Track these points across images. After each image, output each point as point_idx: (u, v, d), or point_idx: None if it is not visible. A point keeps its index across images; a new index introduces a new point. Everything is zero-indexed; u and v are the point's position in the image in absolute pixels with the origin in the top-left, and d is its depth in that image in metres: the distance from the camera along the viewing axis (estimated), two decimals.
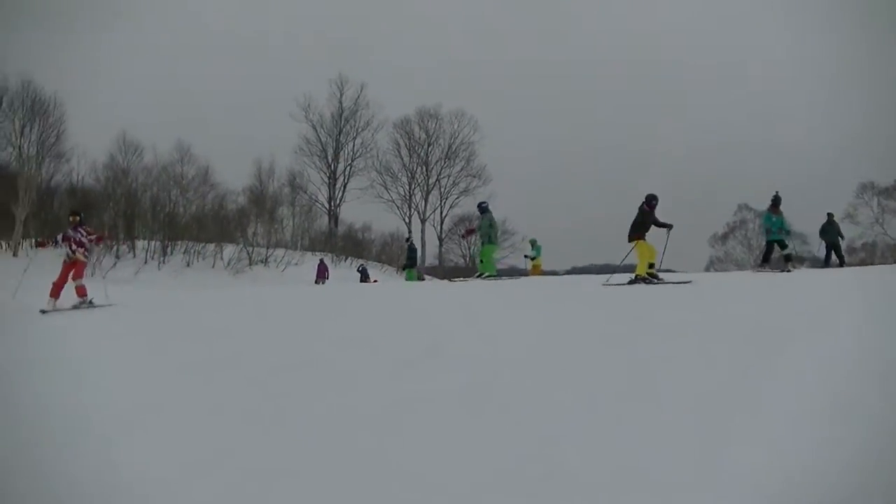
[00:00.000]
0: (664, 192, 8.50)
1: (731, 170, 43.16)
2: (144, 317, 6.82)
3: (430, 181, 33.29)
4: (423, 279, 17.88)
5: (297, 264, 23.65)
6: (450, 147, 33.89)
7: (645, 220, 8.45)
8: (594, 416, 2.62)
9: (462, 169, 33.60)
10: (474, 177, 33.32)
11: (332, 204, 31.10)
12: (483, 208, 10.18)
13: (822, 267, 12.94)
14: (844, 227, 14.12)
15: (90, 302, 7.48)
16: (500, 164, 39.88)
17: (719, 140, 44.22)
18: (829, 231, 13.10)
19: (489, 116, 47.50)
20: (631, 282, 8.12)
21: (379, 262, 27.31)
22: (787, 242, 10.32)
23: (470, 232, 13.15)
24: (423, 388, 3.09)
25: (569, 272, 20.69)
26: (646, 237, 8.41)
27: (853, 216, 26.73)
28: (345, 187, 31.62)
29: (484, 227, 10.07)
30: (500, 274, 11.29)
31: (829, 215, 13.37)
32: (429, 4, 46.08)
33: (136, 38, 37.87)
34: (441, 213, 32.82)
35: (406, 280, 14.73)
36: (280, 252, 24.56)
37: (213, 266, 22.26)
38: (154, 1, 37.21)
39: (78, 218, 7.72)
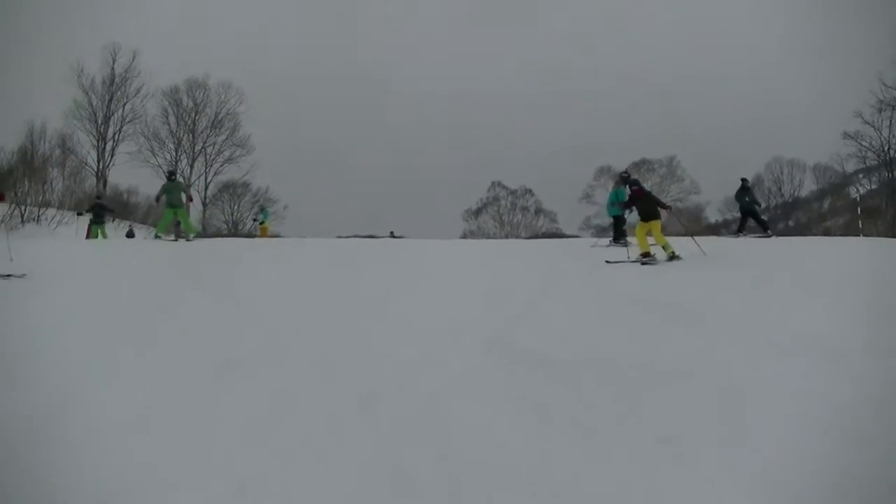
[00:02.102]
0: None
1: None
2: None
3: (197, 148, 38.68)
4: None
5: (66, 223, 28.76)
6: (216, 116, 39.13)
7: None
8: None
9: (227, 138, 38.94)
10: (238, 146, 38.99)
11: (101, 166, 35.42)
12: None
13: (735, 234, 13.78)
14: None
15: None
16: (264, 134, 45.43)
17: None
18: (742, 197, 13.38)
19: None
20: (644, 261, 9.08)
21: (144, 224, 33.09)
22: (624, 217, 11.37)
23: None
24: None
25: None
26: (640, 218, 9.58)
27: None
28: (114, 151, 35.92)
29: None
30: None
31: (743, 181, 13.56)
32: None
33: None
34: (206, 179, 38.54)
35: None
36: (52, 211, 29.29)
37: None
38: None
39: None
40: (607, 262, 9.37)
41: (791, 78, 41.64)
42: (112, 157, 35.99)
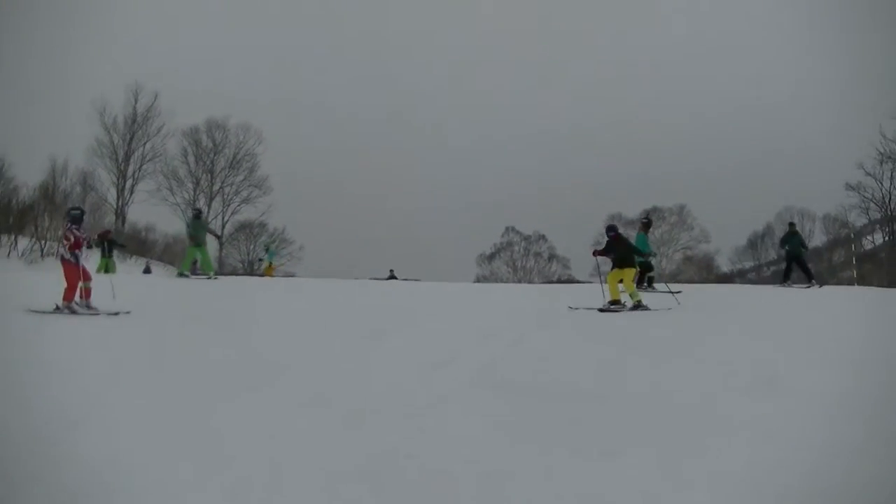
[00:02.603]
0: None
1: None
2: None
3: (214, 188, 39.14)
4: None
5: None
6: (234, 157, 39.82)
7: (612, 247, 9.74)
8: None
9: (245, 178, 39.40)
10: (256, 187, 39.34)
11: (121, 203, 35.76)
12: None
13: (782, 283, 12.86)
14: None
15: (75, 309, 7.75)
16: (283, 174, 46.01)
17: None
18: (791, 242, 12.94)
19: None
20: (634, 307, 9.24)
21: (161, 261, 33.25)
22: (652, 264, 11.57)
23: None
24: None
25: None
26: (617, 265, 9.56)
27: None
28: (132, 189, 36.27)
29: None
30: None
31: (791, 225, 13.68)
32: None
33: None
34: (223, 218, 38.68)
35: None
36: None
37: (8, 256, 26.71)
38: None
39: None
40: (600, 310, 9.26)
41: (801, 123, 42.61)
42: (132, 194, 36.32)
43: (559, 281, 35.39)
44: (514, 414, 4.30)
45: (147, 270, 25.94)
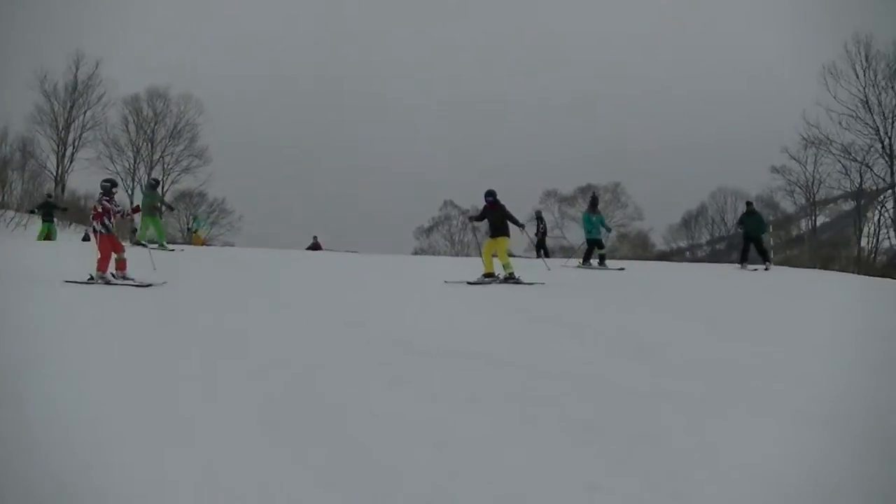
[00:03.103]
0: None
1: None
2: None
3: (155, 157, 40.37)
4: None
5: (25, 225, 30.36)
6: (175, 126, 40.77)
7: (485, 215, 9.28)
8: None
9: (185, 148, 40.57)
10: (196, 156, 40.67)
11: (61, 171, 36.91)
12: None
13: (739, 263, 12.30)
14: None
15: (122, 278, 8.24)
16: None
17: None
18: (749, 222, 12.31)
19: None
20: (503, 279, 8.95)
21: None
22: (604, 242, 11.58)
23: None
24: None
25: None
26: (495, 234, 9.25)
27: None
28: (73, 157, 37.47)
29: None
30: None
31: (748, 204, 12.97)
32: None
33: None
34: (163, 187, 39.32)
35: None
36: (10, 213, 30.81)
37: None
38: None
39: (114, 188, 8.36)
40: (469, 283, 9.22)
41: (731, 104, 45.37)
42: (72, 162, 37.48)
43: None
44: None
45: (86, 238, 27.69)
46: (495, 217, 9.32)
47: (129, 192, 39.33)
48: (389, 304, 8.06)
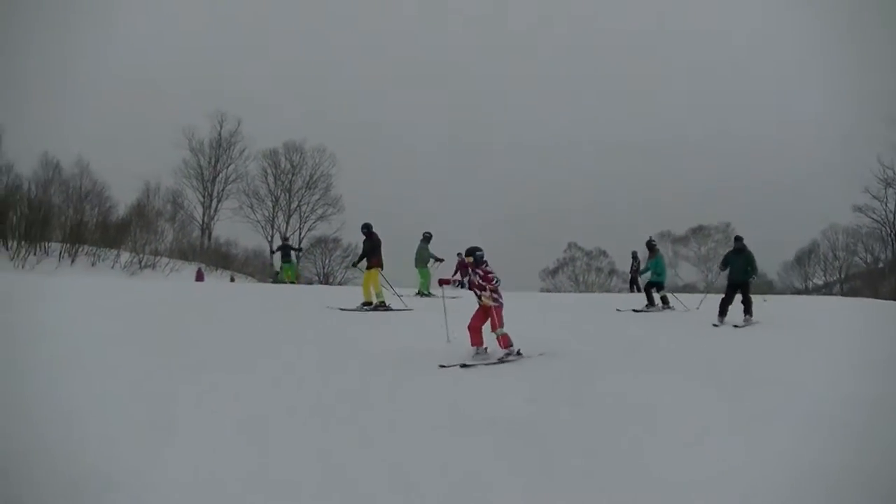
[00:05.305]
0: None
1: None
2: None
3: (292, 206, 40.92)
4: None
5: (177, 270, 30.72)
6: (310, 177, 41.46)
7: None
8: None
9: (320, 198, 41.07)
10: (330, 205, 40.89)
11: (206, 220, 37.99)
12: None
13: (720, 312, 9.48)
14: None
15: (517, 352, 6.46)
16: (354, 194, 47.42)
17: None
18: (735, 262, 9.65)
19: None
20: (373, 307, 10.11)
21: (242, 273, 34.93)
22: (661, 284, 11.70)
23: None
24: None
25: None
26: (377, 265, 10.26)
27: None
28: (217, 207, 38.59)
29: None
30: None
31: (737, 239, 9.92)
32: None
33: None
34: (300, 234, 40.21)
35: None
36: (164, 259, 31.44)
37: (113, 268, 28.77)
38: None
39: (471, 259, 6.57)
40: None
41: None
42: (216, 212, 38.71)
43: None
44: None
45: (231, 280, 27.33)
46: (365, 248, 10.33)
47: (269, 238, 39.72)
48: None
